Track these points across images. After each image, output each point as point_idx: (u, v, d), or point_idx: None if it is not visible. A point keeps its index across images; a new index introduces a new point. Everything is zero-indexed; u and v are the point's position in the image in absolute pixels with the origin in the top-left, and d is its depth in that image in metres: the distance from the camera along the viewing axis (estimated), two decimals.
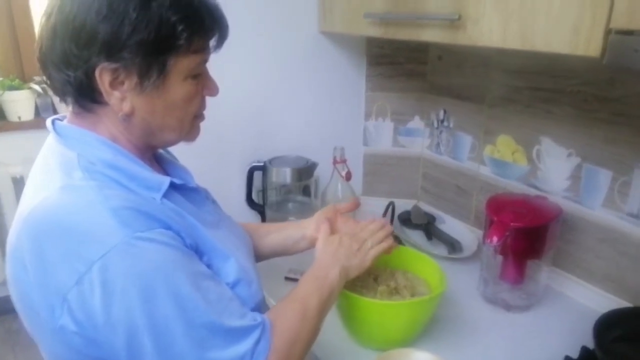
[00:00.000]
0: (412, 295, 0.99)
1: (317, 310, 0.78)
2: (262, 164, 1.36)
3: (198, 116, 0.77)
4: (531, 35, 0.80)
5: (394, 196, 1.57)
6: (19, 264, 0.65)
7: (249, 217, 1.44)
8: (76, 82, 0.66)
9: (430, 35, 1.01)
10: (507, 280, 1.11)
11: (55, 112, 2.35)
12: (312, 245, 0.98)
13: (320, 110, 1.51)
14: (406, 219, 1.49)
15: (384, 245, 0.93)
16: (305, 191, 1.44)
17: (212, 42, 0.74)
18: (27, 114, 2.30)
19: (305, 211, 1.44)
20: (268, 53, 1.38)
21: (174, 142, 0.78)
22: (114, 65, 0.64)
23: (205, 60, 0.75)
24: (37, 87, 2.26)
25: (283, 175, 1.34)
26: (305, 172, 1.35)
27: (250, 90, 1.38)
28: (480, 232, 1.38)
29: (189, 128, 0.76)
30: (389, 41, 1.47)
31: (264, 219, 1.42)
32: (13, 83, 2.25)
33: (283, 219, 1.43)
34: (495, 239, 1.03)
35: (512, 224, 1.03)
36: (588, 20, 0.71)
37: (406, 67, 1.50)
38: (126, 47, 0.63)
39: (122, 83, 0.66)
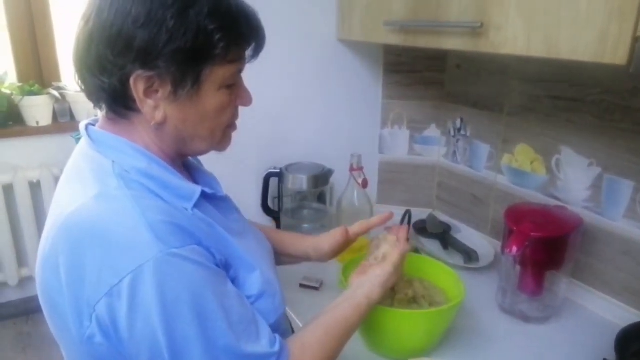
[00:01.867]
0: (430, 304, 0.97)
1: (341, 342, 0.78)
2: (278, 170, 1.36)
3: (230, 126, 0.77)
4: (556, 42, 0.80)
5: (410, 205, 1.56)
6: (52, 271, 0.64)
7: (265, 223, 1.43)
8: (110, 89, 0.66)
9: (452, 43, 1.01)
10: (526, 292, 1.09)
11: (72, 117, 2.38)
12: (327, 258, 0.99)
13: (336, 118, 1.51)
14: (422, 228, 1.48)
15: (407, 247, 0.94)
16: (321, 198, 1.44)
17: (249, 52, 0.73)
18: (45, 119, 2.32)
19: (320, 218, 1.44)
20: (286, 60, 1.38)
21: (205, 152, 0.78)
22: (148, 74, 0.64)
23: (241, 71, 0.74)
24: (55, 93, 2.29)
25: (299, 182, 1.34)
26: (321, 179, 1.35)
27: (268, 97, 1.38)
28: (497, 242, 1.36)
29: (221, 138, 0.76)
30: (406, 49, 1.47)
31: (279, 226, 1.41)
32: (32, 89, 2.28)
33: (298, 225, 1.43)
34: (514, 249, 1.01)
35: (532, 234, 1.02)
36: (615, 28, 0.71)
37: (424, 75, 1.50)
38: (162, 55, 0.63)
39: (156, 91, 0.66)
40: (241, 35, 0.69)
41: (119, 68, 0.64)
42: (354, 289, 0.84)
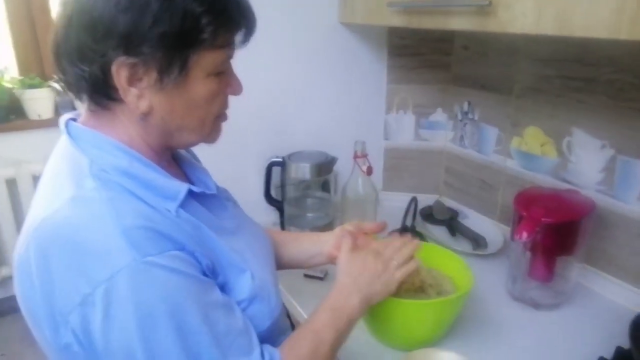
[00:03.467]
0: (438, 293, 0.95)
1: (332, 344, 0.73)
2: (280, 159, 1.33)
3: (220, 116, 0.73)
4: (569, 19, 0.76)
5: (416, 191, 1.53)
6: (26, 277, 0.61)
7: (268, 213, 1.41)
8: (91, 78, 0.62)
9: (458, 23, 0.97)
10: (536, 278, 1.06)
11: (74, 110, 2.35)
12: (328, 261, 0.93)
13: (339, 104, 1.48)
14: (428, 214, 1.45)
15: (411, 266, 0.86)
16: (325, 187, 1.41)
17: (238, 37, 0.69)
18: (47, 112, 2.30)
19: (324, 207, 1.41)
20: (286, 45, 1.35)
21: (194, 144, 0.74)
22: (132, 60, 0.60)
23: (230, 57, 0.70)
24: (56, 86, 2.27)
25: (302, 170, 1.31)
26: (324, 167, 1.32)
27: (268, 83, 1.35)
28: (506, 228, 1.33)
29: (210, 128, 0.71)
30: (411, 31, 1.43)
31: (282, 215, 1.39)
32: (33, 82, 2.26)
33: (302, 215, 1.40)
34: (524, 234, 0.98)
35: (542, 219, 0.98)
36: (632, 1, 0.67)
37: (429, 57, 1.46)
38: (146, 40, 0.59)
39: (140, 79, 0.62)
40: (230, 18, 0.65)
41: (100, 55, 0.60)
42: (343, 299, 0.79)
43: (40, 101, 2.27)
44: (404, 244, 0.88)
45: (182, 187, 0.67)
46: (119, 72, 0.61)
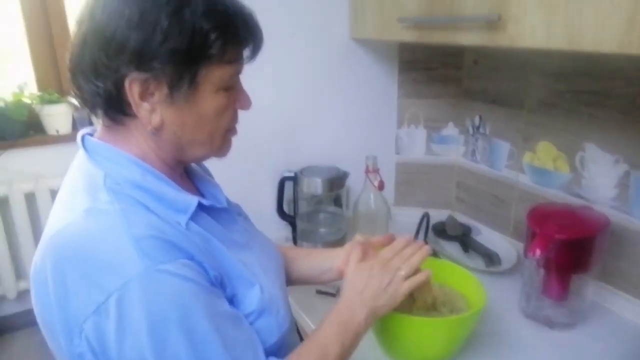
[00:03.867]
0: (451, 311, 0.94)
1: (337, 359, 0.73)
2: (293, 174, 1.34)
3: (230, 130, 0.74)
4: (578, 33, 0.75)
5: (428, 206, 1.52)
6: (42, 287, 0.63)
7: (280, 228, 1.41)
8: (105, 93, 0.64)
9: (468, 38, 0.97)
10: (550, 296, 1.05)
11: (92, 125, 2.39)
12: (339, 277, 0.92)
13: (351, 118, 1.48)
14: (441, 230, 1.44)
15: (419, 278, 0.84)
16: (337, 201, 1.41)
17: (246, 53, 0.71)
18: (65, 128, 2.34)
19: (336, 222, 1.41)
20: (299, 60, 1.36)
21: (204, 158, 0.75)
22: (144, 76, 0.62)
23: (238, 72, 0.72)
24: (74, 101, 2.31)
25: (314, 185, 1.31)
26: (336, 182, 1.32)
27: (281, 98, 1.36)
28: (519, 244, 1.32)
29: (220, 142, 0.73)
30: (422, 46, 1.44)
31: (294, 230, 1.39)
32: (52, 97, 2.30)
33: (314, 230, 1.40)
34: (538, 251, 0.97)
35: (556, 236, 0.97)
36: None
37: (440, 72, 1.46)
38: (157, 56, 0.61)
39: (152, 94, 0.64)
40: (238, 35, 0.67)
41: (114, 71, 0.62)
42: (347, 315, 0.78)
43: (58, 117, 2.31)
44: (413, 252, 0.87)
45: (192, 201, 0.69)
46: (132, 88, 0.63)
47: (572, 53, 1.10)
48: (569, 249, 0.99)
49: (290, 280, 0.97)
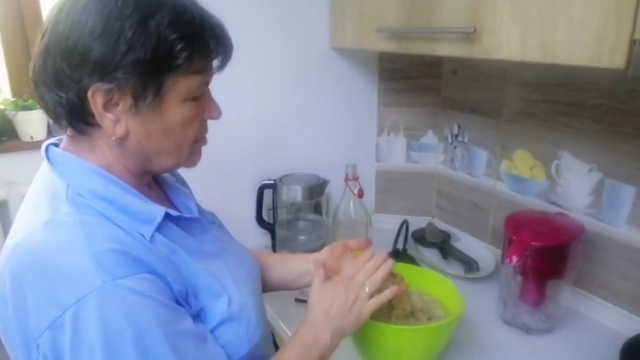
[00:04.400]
0: (429, 318, 0.94)
1: None
2: (272, 182, 1.33)
3: (199, 140, 0.73)
4: (551, 47, 0.77)
5: (408, 213, 1.54)
6: (2, 302, 0.62)
7: (259, 236, 1.41)
8: (68, 104, 0.63)
9: (445, 49, 0.98)
10: (527, 302, 1.06)
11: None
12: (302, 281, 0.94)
13: (331, 127, 1.49)
14: (420, 237, 1.45)
15: (385, 296, 0.82)
16: (317, 209, 1.41)
17: (216, 63, 0.70)
18: (39, 134, 2.29)
19: (316, 230, 1.41)
20: (279, 69, 1.36)
21: (172, 168, 0.74)
22: (107, 86, 0.61)
23: (207, 82, 0.70)
24: None
25: (293, 193, 1.31)
26: (316, 189, 1.32)
27: (260, 107, 1.36)
28: (497, 251, 1.33)
29: (188, 153, 0.71)
30: (401, 56, 1.45)
31: (274, 238, 1.39)
32: (26, 103, 2.25)
33: (294, 238, 1.40)
34: (514, 258, 0.98)
35: (532, 243, 0.99)
36: (612, 31, 0.68)
37: (419, 81, 1.48)
38: (120, 67, 0.60)
39: (116, 105, 0.63)
40: (205, 45, 0.66)
41: (76, 82, 0.61)
42: (313, 337, 0.76)
43: (32, 123, 2.26)
44: (377, 266, 0.85)
45: (158, 211, 0.68)
46: (95, 98, 0.62)
47: (548, 65, 1.13)
48: (545, 256, 1.01)
49: (268, 286, 0.96)
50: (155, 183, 0.80)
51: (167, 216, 0.69)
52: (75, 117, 0.64)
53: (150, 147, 0.68)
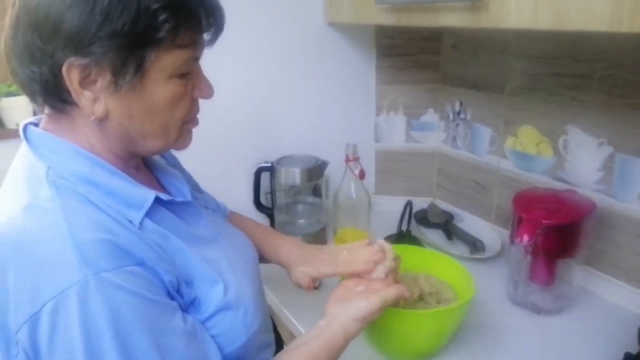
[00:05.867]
0: (438, 302, 0.91)
1: None
2: (269, 164, 1.29)
3: (189, 121, 0.68)
4: (566, 12, 0.72)
5: (409, 194, 1.50)
6: None
7: (258, 220, 1.35)
8: (42, 80, 0.57)
9: (450, 19, 0.93)
10: (537, 282, 1.03)
11: None
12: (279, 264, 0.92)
13: (328, 106, 1.44)
14: (423, 218, 1.41)
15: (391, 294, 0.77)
16: (316, 192, 1.36)
17: (207, 36, 0.64)
18: (25, 121, 2.23)
19: (316, 213, 1.37)
20: (272, 46, 1.30)
21: (160, 151, 0.68)
22: (82, 61, 0.55)
23: (196, 57, 0.64)
24: None
25: (292, 176, 1.26)
26: (315, 171, 1.28)
27: (254, 86, 1.31)
28: (502, 230, 1.30)
29: (177, 135, 0.66)
30: (399, 31, 1.40)
31: (272, 223, 1.34)
32: (10, 89, 2.18)
33: (293, 221, 1.36)
34: (525, 237, 0.95)
35: (543, 221, 0.95)
36: None
37: (418, 57, 1.42)
38: (96, 39, 0.54)
39: (94, 82, 0.58)
40: (192, 16, 0.60)
41: (49, 55, 0.55)
42: (329, 319, 0.74)
43: (17, 109, 2.18)
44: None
45: (149, 195, 0.63)
46: (70, 74, 0.56)
47: (554, 35, 1.09)
48: (556, 235, 0.97)
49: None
50: (144, 166, 0.75)
51: (157, 200, 0.64)
52: (50, 94, 0.59)
53: (134, 129, 0.62)
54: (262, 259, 0.94)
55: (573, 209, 0.99)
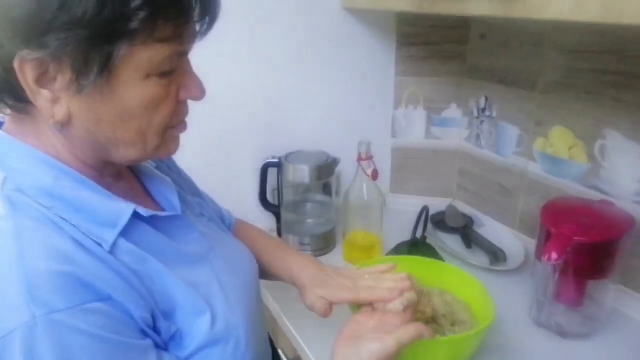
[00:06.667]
0: (452, 324, 0.82)
1: None
2: (276, 160, 1.20)
3: (175, 127, 0.58)
4: (616, 2, 0.61)
5: (427, 194, 1.40)
6: None
7: (264, 218, 1.28)
8: None
9: (478, 8, 0.82)
10: (564, 302, 0.93)
11: None
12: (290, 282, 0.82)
13: (342, 98, 1.34)
14: (440, 222, 1.32)
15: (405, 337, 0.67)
16: (327, 189, 1.28)
17: (198, 27, 0.54)
18: None
19: (325, 212, 1.28)
20: (283, 33, 1.20)
21: (137, 160, 0.59)
22: (37, 55, 0.47)
23: (182, 53, 0.54)
24: None
25: (300, 173, 1.17)
26: (325, 170, 1.19)
27: (264, 76, 1.22)
28: (527, 239, 1.20)
29: (158, 142, 0.56)
30: (422, 18, 1.29)
31: (279, 221, 1.26)
32: None
33: (301, 221, 1.28)
34: (554, 255, 0.85)
35: (575, 238, 0.85)
36: None
37: (443, 47, 1.31)
38: (52, 29, 0.45)
39: (54, 79, 0.49)
40: (174, 3, 0.50)
41: None
42: None
43: None
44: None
45: (125, 210, 0.55)
46: (23, 70, 0.48)
47: (599, 26, 0.97)
48: (589, 253, 0.87)
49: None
50: (130, 171, 0.67)
51: (137, 215, 0.56)
52: (3, 91, 0.50)
53: (103, 136, 0.53)
54: (270, 275, 0.86)
55: (609, 224, 0.88)
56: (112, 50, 0.48)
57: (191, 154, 1.14)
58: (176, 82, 0.55)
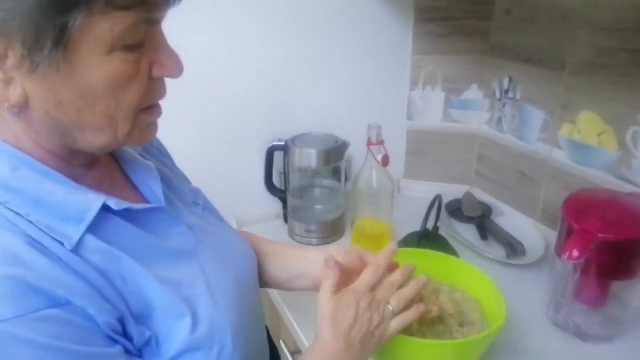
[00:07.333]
0: (461, 324, 0.76)
1: None
2: (282, 143, 1.14)
3: (148, 109, 0.52)
4: None
5: (443, 180, 1.33)
6: None
7: (269, 203, 1.24)
8: None
9: None
10: (584, 302, 0.86)
11: None
12: (314, 287, 0.73)
13: (354, 77, 1.26)
14: (456, 210, 1.25)
15: (409, 317, 0.67)
16: (336, 174, 1.22)
17: None
18: None
19: (334, 198, 1.23)
20: (291, 7, 1.13)
21: (108, 147, 0.52)
22: None
23: (149, 21, 0.47)
24: None
25: (307, 157, 1.12)
26: (333, 154, 1.13)
27: (270, 53, 1.15)
28: (547, 230, 1.13)
29: (129, 127, 0.50)
30: None
31: (285, 207, 1.21)
32: None
33: (308, 207, 1.23)
34: (575, 253, 0.78)
35: (599, 235, 0.78)
36: None
37: (464, 23, 1.22)
38: None
39: (5, 57, 0.43)
40: None
41: None
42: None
43: None
44: (405, 280, 0.68)
45: (93, 204, 0.49)
46: None
47: (636, 1, 0.88)
48: (614, 251, 0.80)
49: (262, 281, 0.78)
50: (111, 158, 0.62)
51: (107, 208, 0.51)
52: None
53: (66, 120, 0.47)
54: (281, 284, 0.80)
55: (638, 220, 0.81)
56: (66, 20, 0.42)
57: (190, 136, 1.10)
58: (147, 57, 0.49)
